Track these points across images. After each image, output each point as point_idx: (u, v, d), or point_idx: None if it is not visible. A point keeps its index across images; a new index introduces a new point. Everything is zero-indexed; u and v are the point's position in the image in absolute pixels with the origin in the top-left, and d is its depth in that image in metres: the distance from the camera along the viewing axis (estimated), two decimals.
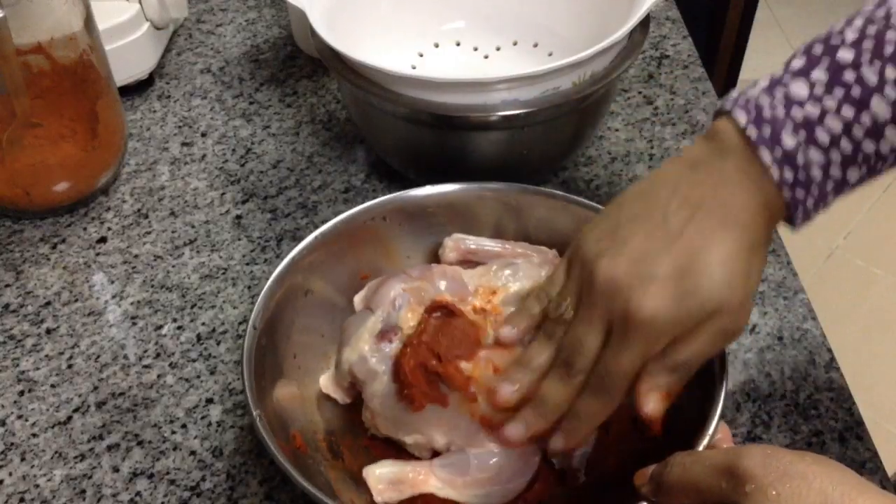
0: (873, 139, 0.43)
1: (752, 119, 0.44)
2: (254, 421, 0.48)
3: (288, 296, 0.55)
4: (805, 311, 0.65)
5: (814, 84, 0.43)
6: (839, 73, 0.43)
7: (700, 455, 0.38)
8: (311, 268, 0.57)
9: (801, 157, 0.43)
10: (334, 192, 0.75)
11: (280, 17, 0.95)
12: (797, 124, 0.43)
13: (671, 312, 0.43)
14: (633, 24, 0.64)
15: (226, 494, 0.55)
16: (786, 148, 0.43)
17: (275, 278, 0.55)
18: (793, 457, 0.34)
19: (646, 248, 0.44)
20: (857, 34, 0.43)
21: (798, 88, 0.44)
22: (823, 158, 0.43)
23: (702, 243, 0.44)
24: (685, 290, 0.43)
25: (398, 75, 0.63)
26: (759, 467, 0.34)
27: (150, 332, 0.64)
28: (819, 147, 0.43)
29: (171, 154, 0.79)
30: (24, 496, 0.55)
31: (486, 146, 0.67)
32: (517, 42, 0.80)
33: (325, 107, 0.84)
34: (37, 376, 0.62)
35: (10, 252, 0.70)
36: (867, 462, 0.56)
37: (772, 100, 0.44)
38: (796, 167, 0.43)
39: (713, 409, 0.47)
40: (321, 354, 0.58)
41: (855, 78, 0.43)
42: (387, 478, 0.50)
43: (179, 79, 0.87)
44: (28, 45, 0.65)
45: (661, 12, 0.94)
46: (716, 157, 0.45)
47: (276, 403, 0.52)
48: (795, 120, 0.43)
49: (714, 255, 0.43)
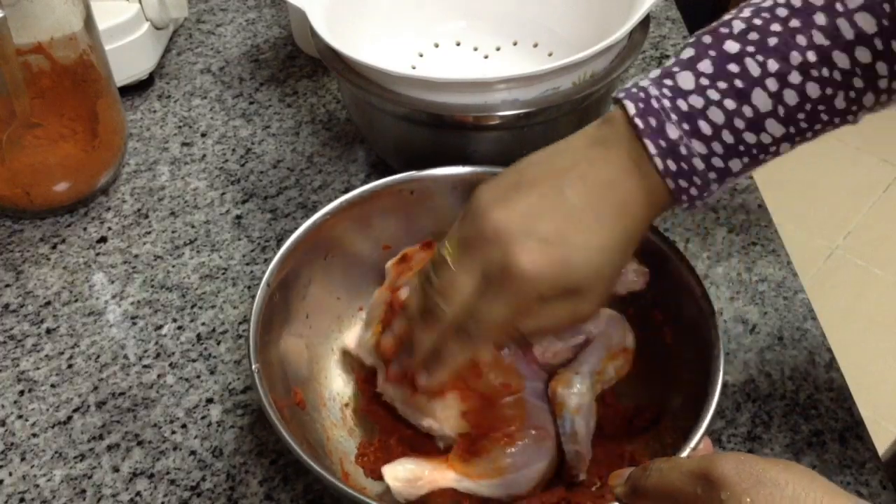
0: (754, 131, 0.44)
1: (640, 110, 0.45)
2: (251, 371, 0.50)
3: (307, 256, 0.57)
4: (805, 311, 0.65)
5: (700, 75, 0.44)
6: (724, 64, 0.44)
7: (676, 461, 0.38)
8: (333, 232, 0.58)
9: (684, 149, 0.44)
10: (334, 192, 0.75)
11: (280, 17, 0.95)
12: (681, 115, 0.44)
13: (546, 275, 0.45)
14: (633, 24, 0.64)
15: (226, 494, 0.55)
16: (670, 139, 0.44)
17: (295, 238, 0.56)
18: (766, 464, 0.34)
19: (537, 207, 0.45)
20: (744, 25, 0.44)
21: (685, 80, 0.45)
22: (705, 149, 0.44)
23: (588, 220, 0.45)
24: (561, 258, 0.45)
25: (398, 75, 0.63)
26: (734, 475, 0.34)
27: (150, 332, 0.64)
28: (701, 138, 0.44)
29: (171, 154, 0.79)
30: (24, 496, 0.55)
31: (485, 146, 0.67)
32: (517, 42, 0.80)
33: (325, 107, 0.84)
34: (37, 376, 0.62)
35: (10, 252, 0.70)
36: (867, 462, 0.56)
37: (660, 90, 0.45)
38: (679, 157, 0.44)
39: (700, 421, 0.47)
40: (335, 317, 0.60)
41: (739, 70, 0.44)
42: (404, 476, 0.51)
43: (179, 79, 0.87)
44: (28, 45, 0.65)
45: (661, 12, 0.94)
46: (612, 140, 0.46)
47: (280, 357, 0.54)
48: (680, 110, 0.44)
49: (596, 238, 0.45)
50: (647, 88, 0.45)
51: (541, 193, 0.46)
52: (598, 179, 0.46)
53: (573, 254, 0.45)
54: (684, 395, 0.50)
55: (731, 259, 0.68)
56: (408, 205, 0.61)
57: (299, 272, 0.57)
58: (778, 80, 0.43)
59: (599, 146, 0.46)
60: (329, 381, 0.58)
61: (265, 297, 0.53)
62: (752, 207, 0.72)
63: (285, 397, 0.51)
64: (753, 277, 0.67)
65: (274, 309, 0.54)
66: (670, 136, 0.44)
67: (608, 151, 0.46)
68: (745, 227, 0.71)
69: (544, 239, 0.45)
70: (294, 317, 0.57)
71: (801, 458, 0.56)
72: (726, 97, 0.44)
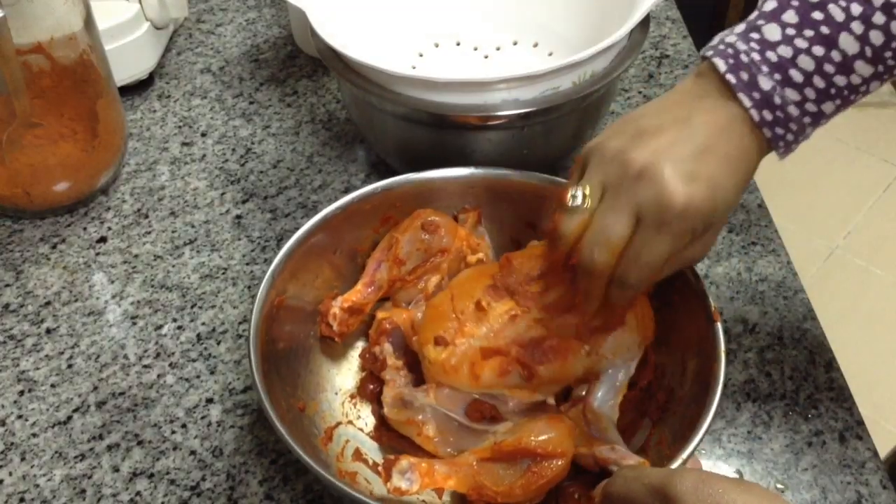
0: (844, 74, 0.45)
1: (730, 66, 0.46)
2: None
3: (314, 252, 0.58)
4: (805, 311, 0.65)
5: (785, 26, 0.46)
6: (808, 12, 0.45)
7: (641, 472, 0.38)
8: (340, 227, 0.59)
9: (778, 98, 0.46)
10: (334, 191, 0.75)
11: (280, 17, 0.95)
12: (772, 66, 0.45)
13: (700, 209, 0.45)
14: (633, 24, 0.64)
15: (226, 494, 0.55)
16: (763, 90, 0.46)
17: (299, 236, 0.57)
18: (726, 485, 0.34)
19: (677, 144, 0.46)
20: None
21: (771, 31, 0.46)
22: (799, 96, 0.46)
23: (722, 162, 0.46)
24: (710, 194, 0.46)
25: (398, 75, 0.63)
26: (690, 493, 0.34)
27: (150, 332, 0.64)
28: (794, 86, 0.46)
29: (171, 154, 0.79)
30: (24, 496, 0.55)
31: (485, 146, 0.67)
32: (517, 42, 0.80)
33: (325, 107, 0.84)
34: (37, 376, 0.62)
35: (10, 252, 0.70)
36: (867, 462, 0.56)
37: (748, 44, 0.46)
38: (774, 107, 0.46)
39: (694, 435, 0.47)
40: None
41: (823, 17, 0.45)
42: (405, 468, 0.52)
43: (179, 79, 0.87)
44: (28, 45, 0.65)
45: (661, 12, 0.94)
46: (712, 93, 0.47)
47: (284, 353, 0.55)
48: (770, 62, 0.46)
49: (732, 177, 0.47)
50: (734, 44, 0.47)
51: (674, 136, 0.46)
52: (718, 125, 0.46)
53: (718, 191, 0.46)
54: (679, 418, 0.50)
55: (731, 259, 0.68)
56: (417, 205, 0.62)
57: (307, 263, 0.58)
58: (862, 22, 0.44)
59: (706, 97, 0.47)
60: (331, 377, 0.58)
61: (270, 283, 0.54)
62: (752, 207, 0.72)
63: (286, 396, 0.51)
64: (753, 277, 0.67)
65: (280, 305, 0.54)
66: (763, 87, 0.46)
67: (715, 101, 0.47)
68: (745, 227, 0.71)
69: (693, 175, 0.45)
70: (303, 305, 0.57)
71: (801, 458, 0.56)
72: (814, 44, 0.45)
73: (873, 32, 0.44)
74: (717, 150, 0.46)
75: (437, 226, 0.60)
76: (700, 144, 0.46)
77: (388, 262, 0.60)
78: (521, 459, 0.50)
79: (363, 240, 0.62)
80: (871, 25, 0.44)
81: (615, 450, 0.50)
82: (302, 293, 0.58)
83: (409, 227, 0.60)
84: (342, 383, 0.59)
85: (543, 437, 0.49)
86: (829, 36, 0.45)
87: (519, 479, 0.49)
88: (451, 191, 0.62)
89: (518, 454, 0.50)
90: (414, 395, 0.54)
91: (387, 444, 0.56)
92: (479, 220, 0.63)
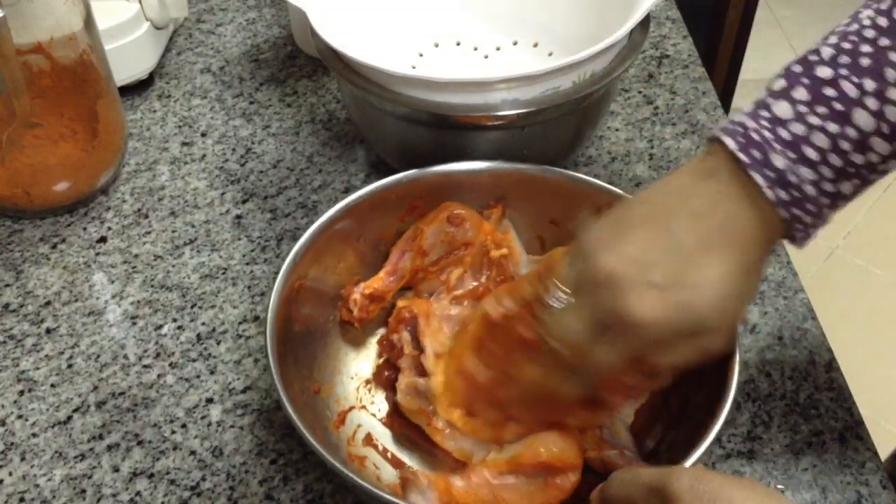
0: (860, 151, 0.43)
1: (741, 144, 0.44)
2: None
3: (338, 237, 0.58)
4: (805, 311, 0.65)
5: (796, 103, 0.44)
6: (820, 89, 0.43)
7: (637, 473, 0.39)
8: (365, 215, 0.60)
9: (793, 177, 0.43)
10: (334, 191, 0.75)
11: (280, 17, 0.95)
12: (785, 144, 0.43)
13: (662, 322, 0.43)
14: (633, 24, 0.64)
15: (226, 494, 0.55)
16: (777, 168, 0.43)
17: (324, 220, 0.57)
18: (721, 481, 0.34)
19: (648, 251, 0.44)
20: (833, 51, 0.44)
21: (782, 109, 0.44)
22: (815, 175, 0.43)
23: (702, 258, 0.44)
24: (679, 302, 0.43)
25: (398, 75, 0.63)
26: (687, 492, 0.34)
27: (150, 332, 0.64)
28: (809, 164, 0.43)
29: (171, 154, 0.79)
30: (24, 496, 0.55)
31: (485, 146, 0.67)
32: (517, 42, 0.80)
33: (325, 107, 0.84)
34: (37, 376, 0.62)
35: (10, 252, 0.70)
36: (867, 462, 0.56)
37: (757, 122, 0.44)
38: (789, 186, 0.43)
39: (701, 442, 0.47)
40: None
41: (836, 94, 0.43)
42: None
43: (179, 79, 0.87)
44: (28, 45, 0.65)
45: (661, 12, 0.94)
46: (719, 174, 0.45)
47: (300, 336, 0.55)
48: (783, 139, 0.43)
49: (712, 272, 0.43)
50: (743, 122, 0.44)
51: (651, 234, 0.44)
52: (711, 215, 0.44)
53: (691, 296, 0.43)
54: (686, 425, 0.51)
55: None
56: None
57: (329, 249, 0.58)
58: (877, 98, 0.42)
59: (709, 179, 0.45)
60: (348, 362, 0.59)
61: (290, 268, 0.55)
62: None
63: (301, 378, 0.52)
64: None
65: (300, 288, 0.55)
66: (777, 165, 0.43)
67: (719, 184, 0.45)
68: None
69: (658, 284, 0.43)
70: (325, 288, 0.58)
71: (801, 458, 0.56)
72: (827, 121, 0.43)
73: (888, 108, 0.42)
74: (700, 247, 0.44)
75: (462, 219, 0.61)
76: (680, 245, 0.44)
77: (411, 251, 0.60)
78: (536, 473, 0.50)
79: (387, 228, 0.62)
80: (886, 100, 0.42)
81: (624, 455, 0.50)
82: (324, 277, 0.58)
83: (435, 219, 0.61)
84: (358, 369, 0.59)
85: (557, 449, 0.50)
86: (843, 112, 0.43)
87: (539, 495, 0.49)
88: (477, 184, 0.62)
89: (535, 467, 0.50)
90: (427, 385, 0.54)
91: (398, 431, 0.56)
92: (503, 214, 0.63)
